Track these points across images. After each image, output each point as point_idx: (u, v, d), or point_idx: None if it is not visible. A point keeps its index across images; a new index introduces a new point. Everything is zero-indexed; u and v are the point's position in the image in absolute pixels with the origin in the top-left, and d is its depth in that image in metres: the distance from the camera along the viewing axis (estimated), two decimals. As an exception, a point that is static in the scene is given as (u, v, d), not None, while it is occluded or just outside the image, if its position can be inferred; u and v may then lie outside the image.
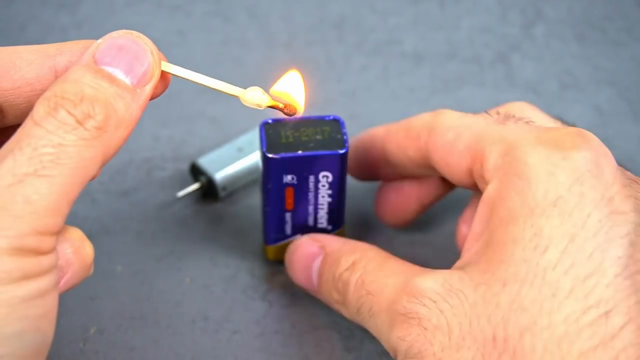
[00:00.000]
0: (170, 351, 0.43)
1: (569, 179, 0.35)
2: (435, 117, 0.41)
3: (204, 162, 0.50)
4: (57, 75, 0.34)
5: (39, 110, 0.31)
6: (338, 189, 0.42)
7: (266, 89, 0.57)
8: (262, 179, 0.42)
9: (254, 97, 0.37)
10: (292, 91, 0.40)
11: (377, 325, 0.38)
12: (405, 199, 0.46)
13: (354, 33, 0.60)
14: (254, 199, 0.50)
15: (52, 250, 0.31)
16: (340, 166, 0.41)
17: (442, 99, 0.56)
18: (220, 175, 0.49)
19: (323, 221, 0.43)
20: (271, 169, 0.41)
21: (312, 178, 0.41)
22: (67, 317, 0.44)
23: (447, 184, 0.46)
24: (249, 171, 0.50)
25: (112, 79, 0.33)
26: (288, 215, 0.43)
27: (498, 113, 0.39)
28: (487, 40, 0.60)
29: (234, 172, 0.49)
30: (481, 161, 0.38)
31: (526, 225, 0.35)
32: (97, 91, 0.32)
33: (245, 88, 0.37)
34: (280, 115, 0.38)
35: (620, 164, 0.37)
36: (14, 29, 0.60)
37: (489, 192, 0.37)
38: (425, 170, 0.43)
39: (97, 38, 0.35)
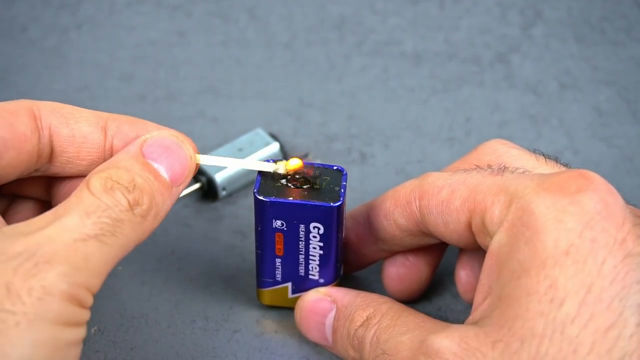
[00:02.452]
0: (170, 351, 0.43)
1: (579, 225, 0.34)
2: (423, 180, 0.40)
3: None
4: (106, 136, 0.38)
5: (95, 184, 0.35)
6: (330, 242, 0.41)
7: (266, 88, 0.57)
8: (254, 220, 0.41)
9: (281, 168, 0.40)
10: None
11: None
12: (413, 271, 0.44)
13: (354, 33, 0.61)
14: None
15: (90, 307, 0.34)
16: (332, 219, 0.40)
17: (442, 99, 0.57)
18: (220, 176, 0.49)
19: (315, 273, 0.42)
20: (260, 211, 0.40)
21: (302, 227, 0.40)
22: (67, 317, 0.44)
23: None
24: (249, 171, 0.49)
25: (156, 175, 0.37)
26: (278, 261, 0.42)
27: (489, 166, 0.38)
28: (487, 40, 0.60)
29: (234, 173, 0.50)
30: (482, 214, 0.37)
31: (539, 277, 0.33)
32: (145, 183, 0.36)
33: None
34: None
35: (619, 164, 0.37)
36: (15, 29, 0.60)
37: (495, 245, 0.36)
38: (419, 239, 0.41)
39: (97, 38, 0.35)
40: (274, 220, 0.40)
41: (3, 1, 0.61)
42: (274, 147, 0.51)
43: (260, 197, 0.39)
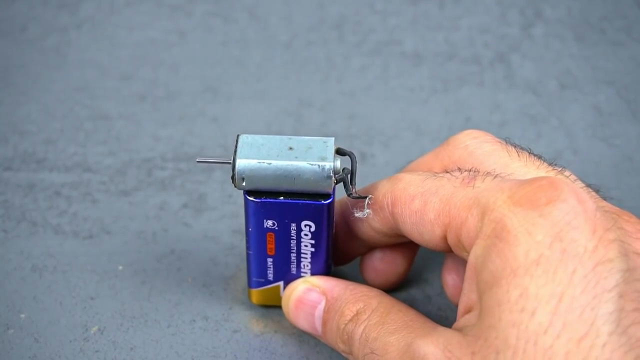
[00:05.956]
0: (170, 351, 0.43)
1: (548, 237, 0.33)
2: (394, 185, 0.39)
3: (245, 140, 0.39)
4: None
5: None
6: (321, 239, 0.40)
7: (266, 88, 0.57)
8: (245, 221, 0.41)
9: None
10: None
11: None
12: (391, 265, 0.44)
13: (354, 33, 0.61)
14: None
15: None
16: (323, 217, 0.39)
17: (442, 99, 0.57)
18: (243, 163, 0.38)
19: (306, 270, 0.42)
20: (251, 212, 0.39)
21: (293, 226, 0.40)
22: (67, 317, 0.44)
23: None
24: (284, 177, 0.38)
25: None
26: (270, 261, 0.42)
27: (459, 170, 0.38)
28: (487, 40, 0.60)
29: (264, 168, 0.38)
30: (457, 230, 0.37)
31: (510, 287, 0.33)
32: None
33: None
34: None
35: (619, 164, 0.37)
36: (15, 29, 0.60)
37: (472, 257, 0.36)
38: (396, 239, 0.42)
39: (97, 38, 0.35)
40: (265, 221, 0.40)
41: (2, 1, 0.61)
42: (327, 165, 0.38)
43: (251, 198, 0.39)
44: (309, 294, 0.42)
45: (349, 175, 0.39)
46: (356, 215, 0.40)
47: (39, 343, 0.43)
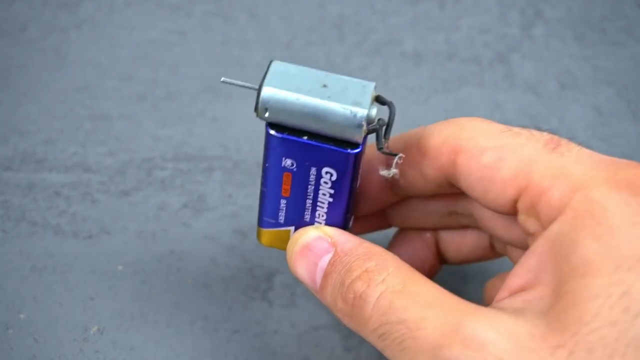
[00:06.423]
0: (170, 351, 0.43)
1: None
2: (459, 131, 0.36)
3: (277, 68, 0.37)
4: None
5: None
6: (342, 190, 0.37)
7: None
8: (263, 155, 0.37)
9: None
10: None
11: None
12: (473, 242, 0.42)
13: (354, 33, 0.61)
14: (254, 200, 0.50)
15: None
16: (348, 167, 0.36)
17: (442, 99, 0.57)
18: (269, 92, 0.35)
19: (321, 221, 0.38)
20: (270, 147, 0.36)
21: (313, 170, 0.36)
22: (67, 317, 0.44)
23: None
24: (311, 116, 0.35)
25: None
26: (283, 202, 0.38)
27: (540, 132, 0.35)
28: (487, 40, 0.60)
29: (291, 101, 0.35)
30: (536, 196, 0.33)
31: (612, 281, 0.30)
32: None
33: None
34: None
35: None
36: (15, 29, 0.60)
37: (552, 232, 0.32)
38: (443, 189, 0.38)
39: (97, 38, 0.35)
40: (284, 159, 0.36)
41: (2, 1, 0.61)
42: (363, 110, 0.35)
43: (272, 132, 0.36)
44: (318, 241, 0.37)
45: (383, 128, 0.35)
46: (381, 172, 0.37)
47: (39, 343, 0.43)
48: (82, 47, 0.59)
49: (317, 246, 0.37)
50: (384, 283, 0.34)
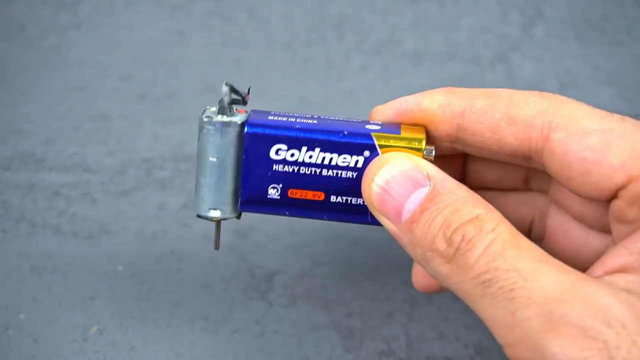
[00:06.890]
0: (170, 351, 0.43)
1: None
2: (557, 107, 0.34)
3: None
4: None
5: None
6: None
7: (266, 88, 0.57)
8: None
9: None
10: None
11: (513, 315, 0.30)
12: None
13: (354, 33, 0.60)
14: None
15: None
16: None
17: (442, 99, 0.56)
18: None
19: None
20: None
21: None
22: (66, 318, 0.44)
23: None
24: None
25: None
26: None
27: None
28: (487, 40, 0.60)
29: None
30: None
31: None
32: None
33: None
34: None
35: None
36: (14, 28, 0.60)
37: None
38: (515, 160, 0.36)
39: (96, 38, 0.35)
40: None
41: (2, 1, 0.61)
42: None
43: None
44: (414, 172, 0.34)
45: (228, 95, 0.39)
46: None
47: (38, 343, 0.43)
48: (81, 47, 0.59)
49: (414, 176, 0.34)
50: (495, 232, 0.32)
